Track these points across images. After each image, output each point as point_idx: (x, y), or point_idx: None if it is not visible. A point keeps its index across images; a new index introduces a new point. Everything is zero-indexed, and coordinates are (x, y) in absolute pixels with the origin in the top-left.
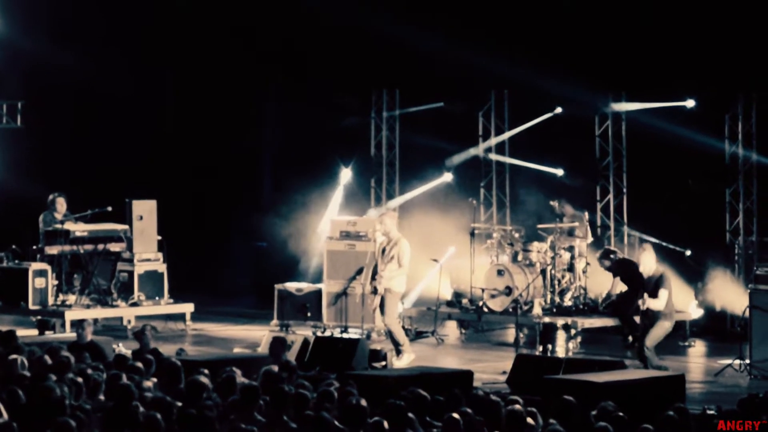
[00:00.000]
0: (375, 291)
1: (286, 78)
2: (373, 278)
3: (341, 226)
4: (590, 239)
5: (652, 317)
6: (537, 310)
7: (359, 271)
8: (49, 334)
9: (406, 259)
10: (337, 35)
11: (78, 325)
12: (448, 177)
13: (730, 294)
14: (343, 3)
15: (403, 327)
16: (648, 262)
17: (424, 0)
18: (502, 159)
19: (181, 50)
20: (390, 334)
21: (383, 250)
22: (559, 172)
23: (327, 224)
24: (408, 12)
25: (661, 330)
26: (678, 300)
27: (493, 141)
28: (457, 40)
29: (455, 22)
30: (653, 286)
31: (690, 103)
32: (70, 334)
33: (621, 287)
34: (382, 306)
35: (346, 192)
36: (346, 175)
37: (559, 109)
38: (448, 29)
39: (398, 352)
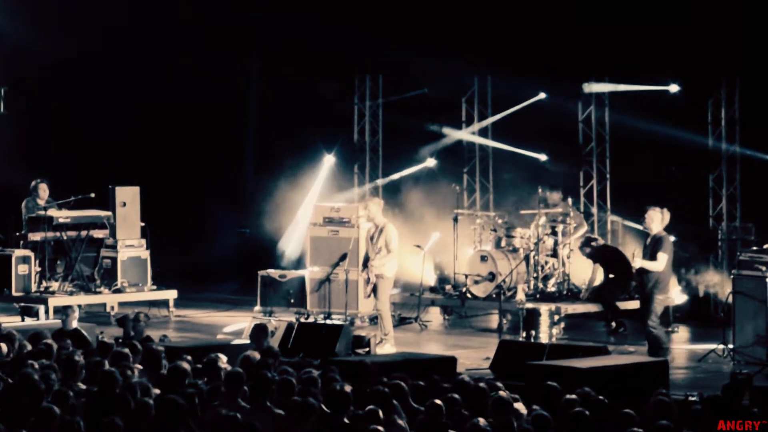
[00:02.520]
0: (368, 281)
1: (268, 63)
2: (365, 266)
3: (324, 212)
4: (586, 228)
5: (648, 287)
6: (520, 295)
7: (343, 258)
8: (33, 321)
9: (394, 244)
10: (321, 21)
11: (62, 312)
12: (430, 162)
13: (713, 279)
14: None
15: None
16: (653, 223)
17: None
18: (485, 142)
19: (164, 36)
20: (379, 320)
21: (372, 238)
22: (542, 157)
23: (307, 210)
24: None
25: (658, 305)
26: None
27: (476, 126)
28: (440, 27)
29: (437, 9)
30: (651, 247)
31: (673, 88)
32: (54, 321)
33: (601, 274)
34: (375, 291)
35: (330, 178)
36: (328, 161)
37: (542, 95)
38: (430, 16)
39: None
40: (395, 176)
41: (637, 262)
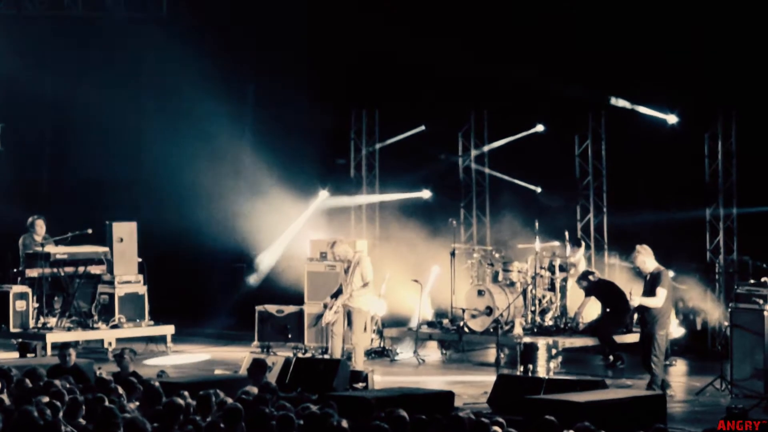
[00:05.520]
0: (328, 307)
1: (263, 98)
2: (335, 296)
3: (321, 247)
4: (581, 269)
5: (650, 324)
6: (518, 329)
7: (339, 292)
8: (31, 357)
9: (369, 275)
10: (316, 54)
11: (62, 348)
12: (426, 193)
13: (710, 313)
14: (322, 22)
15: (383, 348)
16: (646, 261)
17: (402, 20)
18: (482, 169)
19: (160, 72)
20: (352, 354)
21: (346, 271)
22: (538, 189)
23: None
24: (387, 32)
25: (661, 341)
26: None
27: (473, 153)
28: (437, 60)
29: (433, 41)
30: (650, 284)
31: (672, 119)
32: (52, 359)
33: (589, 307)
34: (350, 324)
35: (326, 212)
36: (323, 195)
37: (540, 127)
38: (427, 48)
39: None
40: (386, 197)
41: (636, 300)
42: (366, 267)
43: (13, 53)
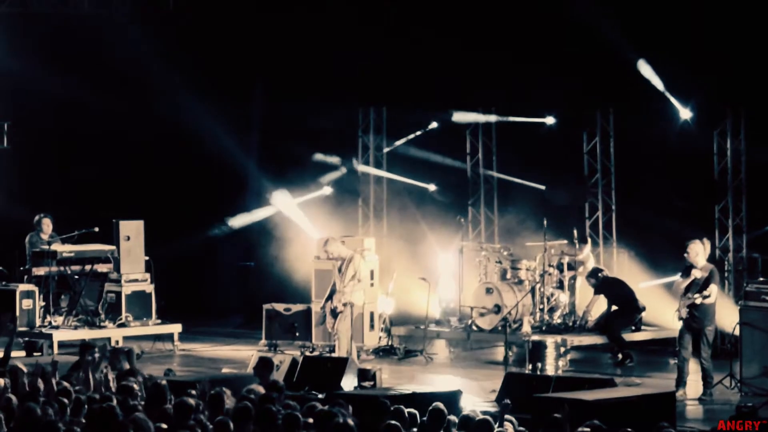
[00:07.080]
0: (334, 311)
1: (271, 95)
2: (329, 298)
3: None
4: (589, 268)
5: (699, 319)
6: (526, 328)
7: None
8: (38, 356)
9: (360, 271)
10: (324, 52)
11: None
12: (431, 187)
13: (720, 311)
14: (327, 21)
15: (392, 345)
16: (700, 254)
17: (408, 19)
18: (490, 169)
19: (165, 74)
20: (337, 342)
21: (339, 269)
22: (544, 187)
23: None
24: (394, 30)
25: (710, 336)
26: (669, 317)
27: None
28: (445, 57)
29: (442, 38)
30: (703, 282)
31: (686, 114)
32: (59, 357)
33: (598, 305)
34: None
35: (333, 211)
36: (326, 191)
37: (551, 119)
38: (434, 45)
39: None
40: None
41: (698, 299)
42: (357, 263)
43: (19, 51)
